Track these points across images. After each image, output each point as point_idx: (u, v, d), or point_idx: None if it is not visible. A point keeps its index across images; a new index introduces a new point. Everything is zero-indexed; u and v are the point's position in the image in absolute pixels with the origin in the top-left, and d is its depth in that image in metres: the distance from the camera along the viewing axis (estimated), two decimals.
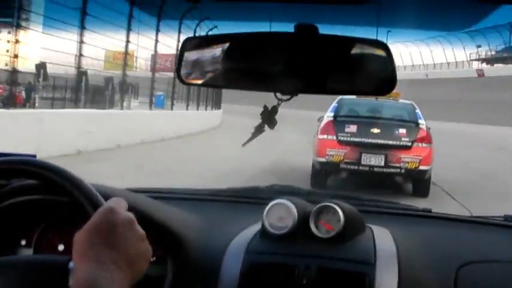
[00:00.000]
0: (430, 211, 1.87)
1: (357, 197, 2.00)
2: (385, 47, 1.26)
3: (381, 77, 1.27)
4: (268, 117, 1.39)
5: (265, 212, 1.52)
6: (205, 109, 28.62)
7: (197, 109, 27.05)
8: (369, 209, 1.79)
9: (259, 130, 1.45)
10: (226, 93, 30.83)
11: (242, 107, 36.82)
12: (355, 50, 1.28)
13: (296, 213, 1.50)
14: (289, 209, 1.51)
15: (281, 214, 1.51)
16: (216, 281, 1.45)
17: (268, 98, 1.33)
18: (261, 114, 1.39)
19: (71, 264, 0.97)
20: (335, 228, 1.49)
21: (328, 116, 10.00)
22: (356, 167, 9.45)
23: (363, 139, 9.50)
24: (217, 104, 31.77)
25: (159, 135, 16.42)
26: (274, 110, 1.38)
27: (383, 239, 1.53)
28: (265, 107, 1.39)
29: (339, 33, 1.27)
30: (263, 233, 1.52)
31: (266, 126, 1.42)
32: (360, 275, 1.40)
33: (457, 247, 1.62)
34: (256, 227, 1.55)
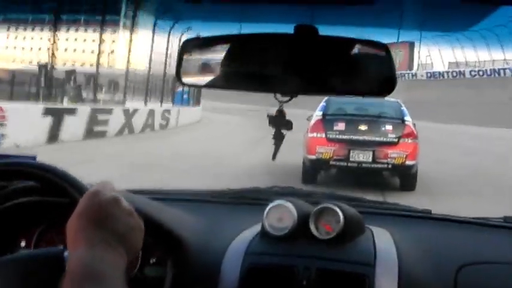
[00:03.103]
0: (430, 212, 1.83)
1: (357, 198, 1.95)
2: (385, 48, 1.22)
3: (381, 78, 1.23)
4: (280, 122, 1.34)
5: (265, 213, 1.47)
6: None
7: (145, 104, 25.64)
8: (368, 210, 1.74)
9: (279, 138, 1.41)
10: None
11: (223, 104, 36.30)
12: (355, 51, 1.24)
13: (296, 215, 1.45)
14: (289, 210, 1.46)
15: (281, 215, 1.46)
16: (216, 282, 1.40)
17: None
18: (270, 123, 1.35)
19: (66, 253, 0.95)
20: (335, 229, 1.44)
21: (317, 114, 10.03)
22: (345, 164, 9.48)
23: (351, 136, 9.54)
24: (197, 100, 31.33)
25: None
26: (282, 113, 1.33)
27: (383, 240, 1.49)
28: (270, 116, 1.34)
29: (338, 34, 1.23)
30: (263, 234, 1.47)
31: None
32: (359, 277, 1.36)
33: (457, 248, 1.57)
34: (256, 228, 1.50)
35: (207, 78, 1.29)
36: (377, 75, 1.24)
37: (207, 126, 25.12)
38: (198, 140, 17.99)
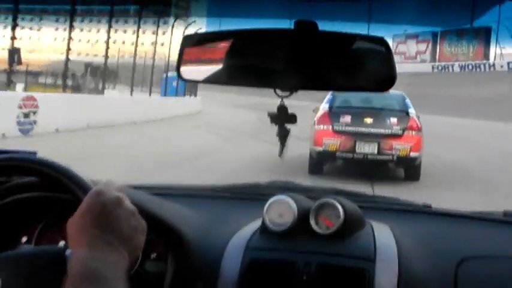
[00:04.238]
0: (430, 207, 1.79)
1: (357, 193, 1.91)
2: (384, 43, 1.19)
3: (380, 73, 1.20)
4: (284, 118, 1.32)
5: (265, 209, 1.44)
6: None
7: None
8: (368, 205, 1.70)
9: (284, 134, 1.38)
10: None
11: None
12: (354, 47, 1.21)
13: (296, 210, 1.42)
14: (289, 206, 1.43)
15: (281, 210, 1.43)
16: (217, 277, 1.37)
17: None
18: (272, 120, 1.32)
19: (68, 252, 0.93)
20: (335, 224, 1.41)
21: (324, 107, 10.02)
22: (351, 155, 9.49)
23: (357, 128, 9.55)
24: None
25: None
26: (284, 109, 1.30)
27: (383, 235, 1.45)
28: (272, 114, 1.31)
29: (338, 30, 1.20)
30: (263, 229, 1.44)
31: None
32: (360, 271, 1.33)
33: (457, 243, 1.54)
34: (257, 224, 1.47)
35: (207, 74, 1.26)
36: (377, 70, 1.21)
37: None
38: None
